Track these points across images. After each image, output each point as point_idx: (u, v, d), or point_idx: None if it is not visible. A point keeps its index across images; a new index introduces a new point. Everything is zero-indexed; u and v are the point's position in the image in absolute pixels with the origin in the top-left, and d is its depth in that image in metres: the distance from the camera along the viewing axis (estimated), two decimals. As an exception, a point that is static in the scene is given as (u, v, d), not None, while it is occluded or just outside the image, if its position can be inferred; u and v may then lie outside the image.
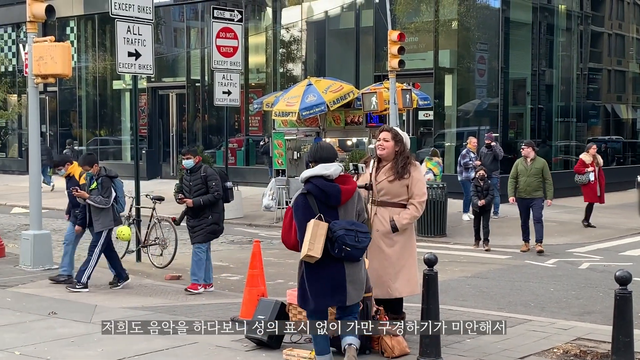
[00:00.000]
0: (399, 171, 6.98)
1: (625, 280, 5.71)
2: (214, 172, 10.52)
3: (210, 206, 10.35)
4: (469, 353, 6.90)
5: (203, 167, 10.50)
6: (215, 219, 10.43)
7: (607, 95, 26.61)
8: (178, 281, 11.15)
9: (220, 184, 10.39)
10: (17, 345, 7.23)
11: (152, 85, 27.76)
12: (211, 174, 10.40)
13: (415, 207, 7.01)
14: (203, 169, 10.46)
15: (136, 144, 14.07)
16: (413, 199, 7.02)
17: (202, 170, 10.41)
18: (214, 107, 22.98)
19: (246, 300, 8.12)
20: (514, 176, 13.70)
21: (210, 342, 7.31)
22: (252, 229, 17.02)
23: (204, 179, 10.34)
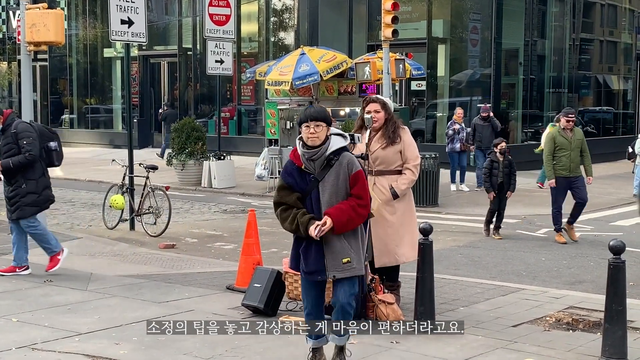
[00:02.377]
0: (390, 136, 7.09)
1: (619, 250, 5.78)
2: (28, 129, 8.68)
3: (24, 171, 8.61)
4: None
5: (14, 123, 8.66)
6: (31, 188, 8.66)
7: (598, 66, 26.63)
8: (172, 250, 11.19)
9: (36, 143, 8.60)
10: (14, 312, 7.27)
11: (143, 53, 27.59)
12: (23, 131, 8.59)
13: (411, 171, 7.16)
14: (14, 125, 8.64)
15: (129, 113, 14.02)
16: (407, 163, 7.18)
17: (12, 127, 8.61)
18: (205, 76, 22.90)
19: (242, 269, 8.18)
20: (552, 151, 11.53)
21: (206, 310, 7.37)
22: (245, 198, 17.06)
23: (14, 137, 8.57)
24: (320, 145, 5.26)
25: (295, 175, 5.33)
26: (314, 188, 5.30)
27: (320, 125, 5.25)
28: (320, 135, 5.25)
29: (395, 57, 15.96)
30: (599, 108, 26.44)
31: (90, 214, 14.62)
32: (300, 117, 5.34)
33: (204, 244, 11.71)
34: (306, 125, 5.24)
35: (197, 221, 13.95)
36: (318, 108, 5.40)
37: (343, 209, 5.24)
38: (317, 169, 5.29)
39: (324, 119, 5.28)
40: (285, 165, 5.42)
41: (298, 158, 5.31)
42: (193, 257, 10.56)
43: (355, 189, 5.29)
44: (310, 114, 5.27)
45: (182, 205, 15.71)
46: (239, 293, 7.76)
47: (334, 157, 5.28)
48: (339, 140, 5.35)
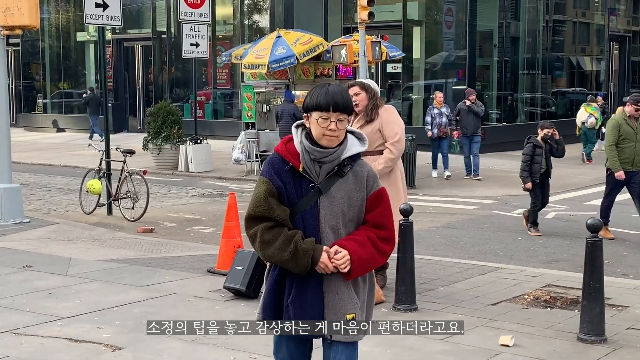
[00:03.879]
0: (368, 113, 6.99)
1: (596, 228, 5.88)
2: None
3: None
4: (443, 300, 7.07)
5: None
6: None
7: (571, 48, 26.83)
8: (151, 234, 11.17)
9: None
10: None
11: (117, 37, 27.37)
12: None
13: (389, 150, 6.99)
14: None
15: (105, 97, 13.94)
16: (387, 141, 7.02)
17: None
18: (180, 59, 22.78)
19: (222, 252, 8.20)
20: (615, 141, 10.21)
21: (187, 293, 7.40)
22: (222, 182, 17.05)
23: None
24: (337, 145, 3.58)
25: (286, 178, 3.57)
26: (311, 202, 3.55)
27: (343, 120, 3.55)
28: (341, 135, 3.58)
29: (371, 39, 15.98)
30: (572, 89, 26.67)
31: (66, 199, 14.54)
32: (312, 99, 3.57)
33: (182, 227, 11.70)
34: (324, 117, 3.52)
35: (175, 205, 13.93)
36: (342, 91, 3.60)
37: (362, 241, 3.57)
38: (322, 176, 3.57)
39: (349, 111, 3.59)
40: (271, 160, 3.63)
41: (295, 156, 3.58)
42: (172, 241, 10.54)
43: (374, 214, 3.63)
44: (336, 100, 3.52)
45: (160, 189, 15.67)
46: (220, 276, 7.79)
47: (348, 165, 3.61)
48: (355, 142, 3.66)
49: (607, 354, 5.71)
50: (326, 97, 3.51)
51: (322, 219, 3.56)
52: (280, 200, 3.53)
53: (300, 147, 3.57)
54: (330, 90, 3.53)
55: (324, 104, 3.50)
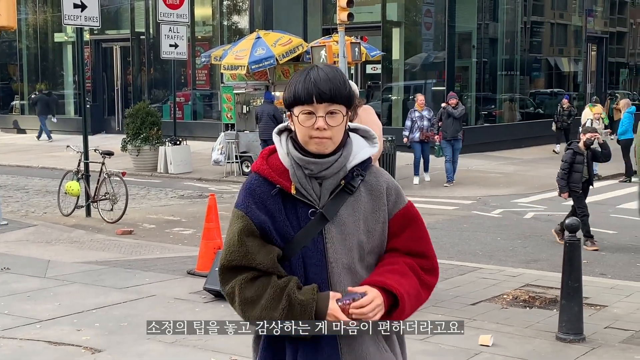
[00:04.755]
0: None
1: (574, 228, 5.93)
2: None
3: None
4: (423, 301, 7.08)
5: None
6: None
7: (549, 49, 27.03)
8: (130, 236, 11.12)
9: None
10: (-28, 301, 7.18)
11: (95, 38, 27.21)
12: None
13: None
14: None
15: (83, 98, 13.88)
16: None
17: None
18: (159, 60, 22.66)
19: (202, 253, 8.18)
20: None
21: (167, 295, 7.37)
22: (202, 183, 17.00)
23: None
24: (335, 151, 2.57)
25: (273, 206, 2.58)
26: (313, 235, 2.56)
27: (336, 113, 2.53)
28: (336, 134, 2.55)
29: (350, 40, 16.00)
30: (550, 90, 26.87)
31: (44, 201, 14.44)
32: (289, 90, 2.58)
33: (162, 229, 11.66)
34: (306, 112, 2.52)
35: (154, 207, 13.87)
36: (331, 73, 2.56)
37: (402, 270, 2.60)
38: (325, 196, 2.58)
39: (344, 99, 2.55)
40: (248, 185, 2.63)
41: (283, 173, 2.58)
42: (152, 243, 10.50)
43: (403, 240, 2.65)
44: (320, 87, 2.51)
45: (139, 191, 15.60)
46: (200, 277, 7.77)
47: (359, 176, 2.61)
48: (362, 142, 2.67)
49: (585, 352, 5.76)
50: (306, 83, 2.49)
51: (330, 256, 2.54)
52: (265, 239, 2.55)
53: (288, 159, 2.56)
54: (312, 74, 2.50)
55: (303, 94, 2.49)
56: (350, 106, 2.55)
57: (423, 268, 2.66)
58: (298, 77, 2.56)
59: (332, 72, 2.54)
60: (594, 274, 8.44)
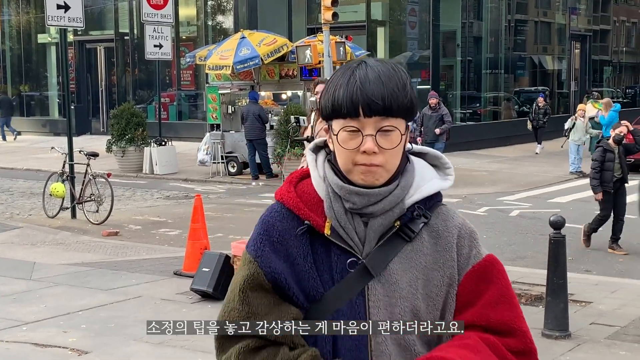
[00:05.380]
0: None
1: (560, 225, 5.96)
2: None
3: None
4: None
5: None
6: None
7: (533, 47, 27.15)
8: (116, 237, 11.09)
9: None
10: (-43, 304, 7.15)
11: (79, 38, 27.10)
12: None
13: None
14: None
15: (68, 100, 13.83)
16: None
17: None
18: (143, 60, 22.60)
19: (189, 254, 8.17)
20: None
21: (154, 296, 7.36)
22: (187, 184, 16.97)
23: None
24: (389, 181, 1.85)
25: (297, 250, 1.87)
26: (352, 294, 1.85)
27: (392, 131, 1.81)
28: (390, 160, 1.83)
29: (335, 40, 16.02)
30: (535, 88, 27.00)
31: (29, 203, 14.37)
32: (327, 95, 1.84)
33: (148, 230, 11.63)
34: (349, 129, 1.81)
35: (140, 208, 13.83)
36: (384, 74, 1.80)
37: (476, 347, 1.81)
38: (371, 241, 1.86)
39: (403, 110, 1.82)
40: (267, 218, 1.92)
41: (316, 205, 1.88)
42: (138, 244, 10.48)
43: (481, 307, 1.87)
44: (369, 93, 1.78)
45: (124, 192, 15.55)
46: (187, 278, 7.77)
47: (420, 217, 1.89)
48: (430, 171, 1.95)
49: (571, 349, 5.80)
50: (349, 87, 1.76)
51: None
52: (281, 295, 1.83)
53: (325, 187, 1.85)
54: (358, 74, 1.78)
55: (345, 103, 1.76)
56: (412, 119, 1.84)
57: (511, 349, 1.82)
58: (339, 77, 1.81)
59: (387, 72, 1.79)
60: (579, 271, 8.49)
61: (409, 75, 1.80)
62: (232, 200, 14.34)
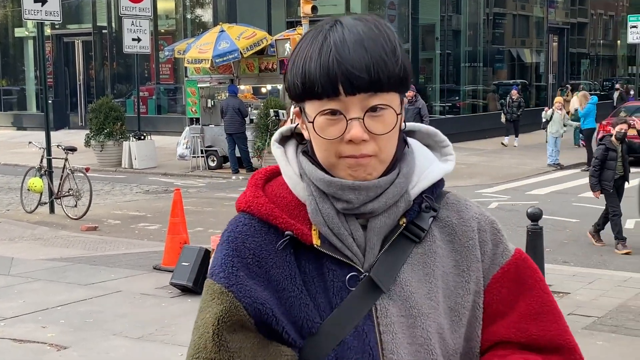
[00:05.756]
0: None
1: (537, 217, 6.02)
2: None
3: None
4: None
5: None
6: None
7: (511, 40, 27.28)
8: (95, 232, 11.04)
9: None
10: None
11: (56, 32, 26.89)
12: None
13: None
14: None
15: (45, 94, 13.69)
16: None
17: None
18: (122, 54, 22.48)
19: (168, 248, 8.16)
20: None
21: (133, 291, 7.34)
22: (167, 178, 16.91)
23: None
24: (387, 171, 1.41)
25: (278, 273, 1.39)
26: (357, 320, 1.38)
27: (384, 109, 1.35)
28: (385, 147, 1.38)
29: (314, 33, 15.99)
30: (513, 81, 27.12)
31: (7, 198, 14.26)
32: (293, 69, 1.38)
33: (127, 225, 11.59)
34: (328, 111, 1.35)
35: (119, 202, 13.77)
36: (366, 32, 1.35)
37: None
38: (374, 247, 1.40)
39: (395, 80, 1.36)
40: (229, 236, 1.41)
41: (294, 210, 1.41)
42: (117, 239, 10.44)
43: (517, 317, 1.45)
44: (350, 63, 1.32)
45: (103, 186, 15.48)
46: (167, 272, 7.75)
47: (429, 210, 1.46)
48: (427, 153, 1.55)
49: (548, 339, 5.85)
50: (322, 58, 1.35)
51: (388, 354, 1.38)
52: (266, 334, 1.38)
53: (304, 185, 1.43)
54: (333, 40, 1.36)
55: (319, 78, 1.35)
56: (406, 91, 1.41)
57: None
58: (308, 44, 1.37)
59: (370, 33, 1.34)
60: (556, 262, 8.56)
61: (397, 35, 1.39)
62: (212, 195, 14.31)
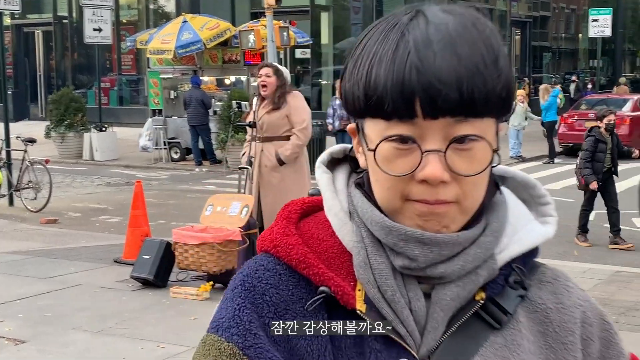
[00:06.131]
0: (275, 101, 7.01)
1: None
2: None
3: None
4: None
5: None
6: None
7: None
8: (55, 225, 10.88)
9: None
10: None
11: (16, 22, 26.45)
12: None
13: (297, 136, 7.01)
14: None
15: (4, 85, 13.45)
16: (294, 128, 7.04)
17: None
18: (83, 45, 22.17)
19: (129, 241, 8.05)
20: None
21: (93, 284, 7.24)
22: (129, 170, 16.73)
23: None
24: (469, 224, 1.00)
25: (305, 343, 0.98)
26: None
27: (475, 142, 0.96)
28: (471, 194, 0.98)
29: (279, 25, 15.91)
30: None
31: (-35, 191, 13.99)
32: (357, 80, 0.96)
33: (88, 217, 11.44)
34: (397, 138, 0.95)
35: (80, 195, 13.60)
36: (460, 33, 0.95)
37: None
38: (438, 326, 0.99)
39: (496, 102, 0.96)
40: (246, 281, 1.02)
41: (336, 259, 1.03)
42: (77, 232, 10.30)
43: None
44: (435, 74, 0.92)
45: (63, 179, 15.27)
46: (127, 265, 7.64)
47: (517, 284, 1.05)
48: (521, 208, 1.10)
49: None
50: (398, 63, 0.93)
51: None
52: None
53: (353, 227, 1.04)
54: (413, 39, 0.95)
55: (389, 91, 0.93)
56: (507, 115, 1.05)
57: None
58: (378, 39, 0.98)
59: (464, 32, 0.97)
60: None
61: (500, 36, 0.98)
62: (175, 187, 14.19)
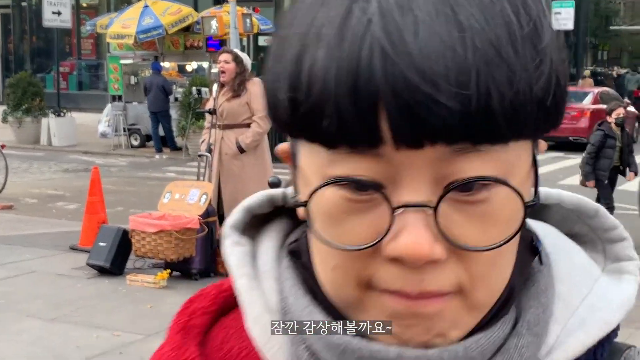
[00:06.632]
0: (235, 89, 6.95)
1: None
2: None
3: None
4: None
5: None
6: None
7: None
8: (10, 211, 10.67)
9: None
10: None
11: (-28, 3, 25.96)
12: None
13: (257, 123, 6.94)
14: None
15: (-42, 66, 13.17)
16: (255, 115, 6.96)
17: None
18: (42, 28, 21.83)
19: (86, 228, 7.94)
20: None
21: (49, 271, 7.12)
22: (88, 156, 16.50)
23: None
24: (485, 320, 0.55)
25: None
26: None
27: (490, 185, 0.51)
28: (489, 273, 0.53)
29: (242, 11, 15.79)
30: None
31: None
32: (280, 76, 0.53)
33: (44, 204, 11.26)
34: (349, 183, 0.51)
35: (37, 181, 13.38)
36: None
37: None
38: None
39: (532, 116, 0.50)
40: None
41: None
42: (33, 218, 10.12)
43: None
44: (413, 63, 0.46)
45: (20, 164, 15.00)
46: (84, 253, 7.52)
47: None
48: (582, 264, 0.62)
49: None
50: (352, 45, 0.48)
51: None
52: None
53: (290, 342, 0.59)
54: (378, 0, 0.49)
55: (336, 90, 0.48)
56: (552, 129, 0.55)
57: None
58: (315, 3, 0.53)
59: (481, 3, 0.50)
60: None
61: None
62: (134, 174, 14.02)
